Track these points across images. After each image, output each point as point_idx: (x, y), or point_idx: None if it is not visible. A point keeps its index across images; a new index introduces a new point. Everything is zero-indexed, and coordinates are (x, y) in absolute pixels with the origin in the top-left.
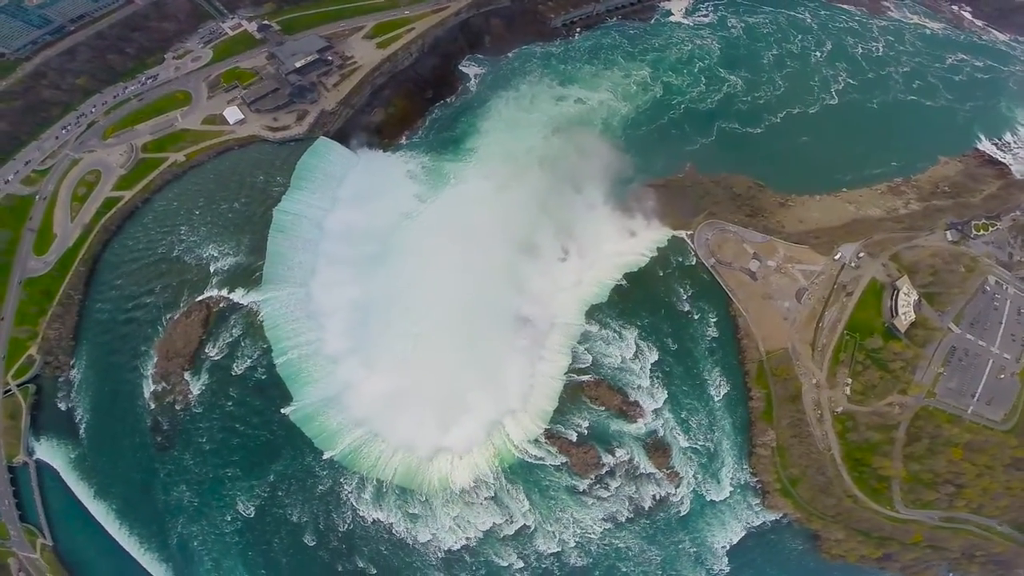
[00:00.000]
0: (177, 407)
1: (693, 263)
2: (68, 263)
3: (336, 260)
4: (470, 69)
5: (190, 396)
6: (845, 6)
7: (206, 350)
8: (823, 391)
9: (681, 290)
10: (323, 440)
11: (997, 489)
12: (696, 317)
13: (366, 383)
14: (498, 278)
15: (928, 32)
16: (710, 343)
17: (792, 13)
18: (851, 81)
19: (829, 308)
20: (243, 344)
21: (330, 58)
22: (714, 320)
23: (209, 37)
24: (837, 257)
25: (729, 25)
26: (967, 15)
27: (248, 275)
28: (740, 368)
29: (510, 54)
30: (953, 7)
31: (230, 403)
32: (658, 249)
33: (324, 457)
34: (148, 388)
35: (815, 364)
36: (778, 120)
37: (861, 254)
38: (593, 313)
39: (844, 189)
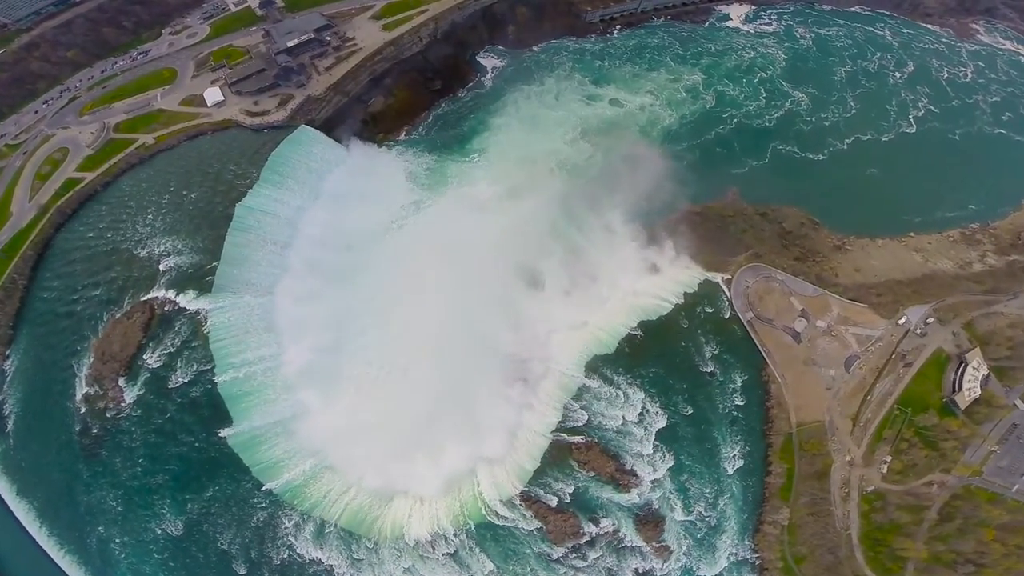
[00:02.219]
0: (108, 413)
1: (726, 316)
2: (17, 245)
3: (309, 267)
4: (488, 61)
5: (123, 403)
6: (930, 26)
7: (144, 356)
8: (856, 469)
9: (707, 347)
10: (264, 470)
11: (1021, 569)
12: (720, 380)
13: (324, 411)
14: (490, 308)
15: (1023, 61)
16: (732, 411)
17: (870, 28)
18: (932, 108)
19: (882, 380)
20: (184, 355)
21: (328, 38)
22: (741, 385)
23: (211, 13)
24: (901, 322)
25: (797, 35)
26: None
27: (199, 278)
28: (763, 440)
29: (536, 47)
30: None
31: (164, 417)
32: (685, 294)
33: (264, 488)
34: (80, 389)
35: (853, 440)
36: (844, 147)
37: (930, 320)
38: (595, 365)
39: (911, 233)
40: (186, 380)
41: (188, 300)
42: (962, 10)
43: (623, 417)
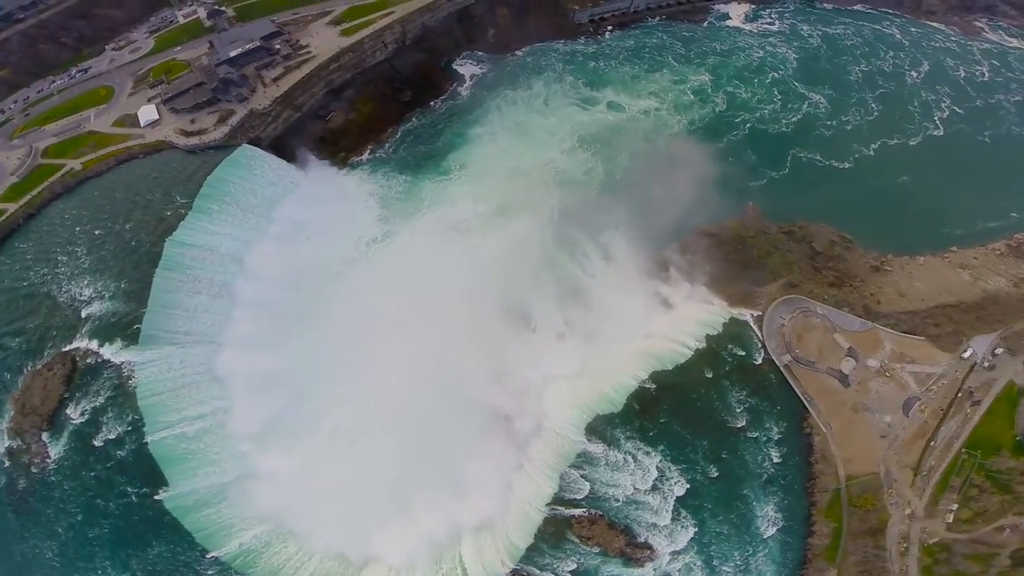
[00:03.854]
0: (34, 468)
1: (757, 360)
2: None
3: (258, 310)
4: (465, 67)
5: (47, 460)
6: (935, 24)
7: (67, 411)
8: (917, 522)
9: (735, 398)
10: (209, 536)
11: None
12: (752, 435)
13: (280, 471)
14: (471, 353)
15: None
16: (768, 469)
17: (877, 27)
18: (956, 109)
19: (947, 422)
20: (110, 411)
21: (277, 46)
22: (778, 438)
23: (158, 26)
24: (966, 355)
25: (804, 34)
26: None
27: (125, 326)
28: (805, 498)
29: (520, 51)
30: None
31: (92, 476)
32: (707, 337)
33: (210, 556)
34: (3, 443)
35: (914, 491)
36: (871, 152)
37: (998, 350)
38: (598, 426)
39: (953, 248)
40: (113, 437)
41: (112, 352)
42: (963, 8)
43: (634, 486)
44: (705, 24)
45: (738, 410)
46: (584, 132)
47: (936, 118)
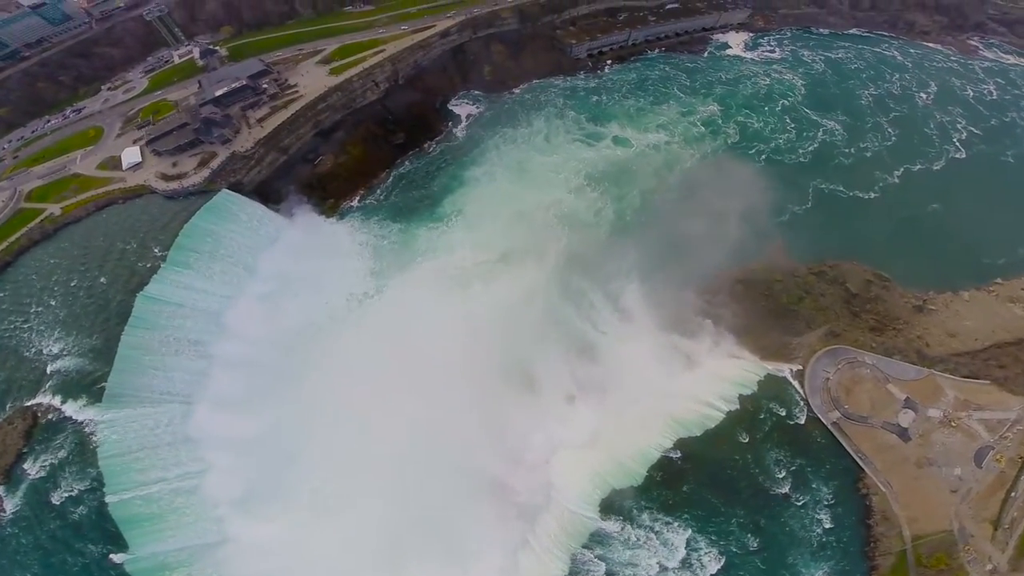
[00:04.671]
0: None
1: (801, 420)
2: None
3: (238, 369)
4: (461, 107)
5: (3, 514)
6: (932, 45)
7: (25, 466)
8: None
9: (777, 463)
10: None
11: None
12: (799, 501)
13: (260, 537)
14: (470, 417)
15: None
16: (820, 535)
17: (877, 50)
18: (973, 129)
19: None
20: (69, 469)
21: (264, 85)
22: (830, 502)
23: (154, 66)
24: None
25: (807, 60)
26: None
27: (91, 384)
28: (864, 562)
29: (517, 89)
30: None
31: (48, 532)
32: (739, 397)
33: None
34: None
35: (995, 546)
36: (895, 180)
37: None
38: (615, 501)
39: (998, 280)
40: (71, 495)
41: (75, 409)
42: (955, 27)
43: (659, 563)
44: (706, 54)
45: (780, 475)
46: (591, 170)
47: (955, 140)
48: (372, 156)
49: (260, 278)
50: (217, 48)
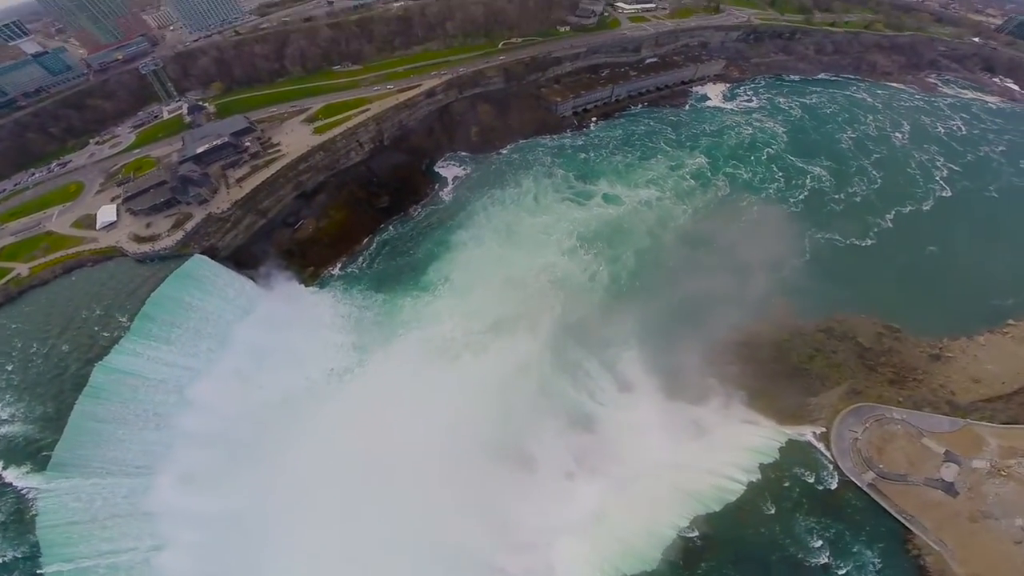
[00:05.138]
0: None
1: (832, 485)
2: None
3: (205, 443)
4: (448, 170)
5: None
6: (895, 84)
7: None
8: None
9: (810, 532)
10: None
11: None
12: (843, 570)
13: None
14: (460, 500)
15: (992, 107)
16: None
17: (847, 92)
18: (953, 166)
19: None
20: (4, 535)
21: (247, 143)
22: (877, 567)
23: (144, 121)
24: None
25: (784, 107)
26: (1016, 87)
27: (38, 451)
28: None
29: (504, 149)
30: (995, 80)
31: None
32: (760, 466)
33: None
34: None
35: None
36: (889, 224)
37: None
38: None
39: (1010, 321)
40: (4, 561)
41: (17, 475)
42: (911, 66)
43: None
44: (687, 107)
45: (815, 544)
46: (582, 230)
47: (938, 178)
48: (355, 221)
49: (233, 350)
50: (205, 104)
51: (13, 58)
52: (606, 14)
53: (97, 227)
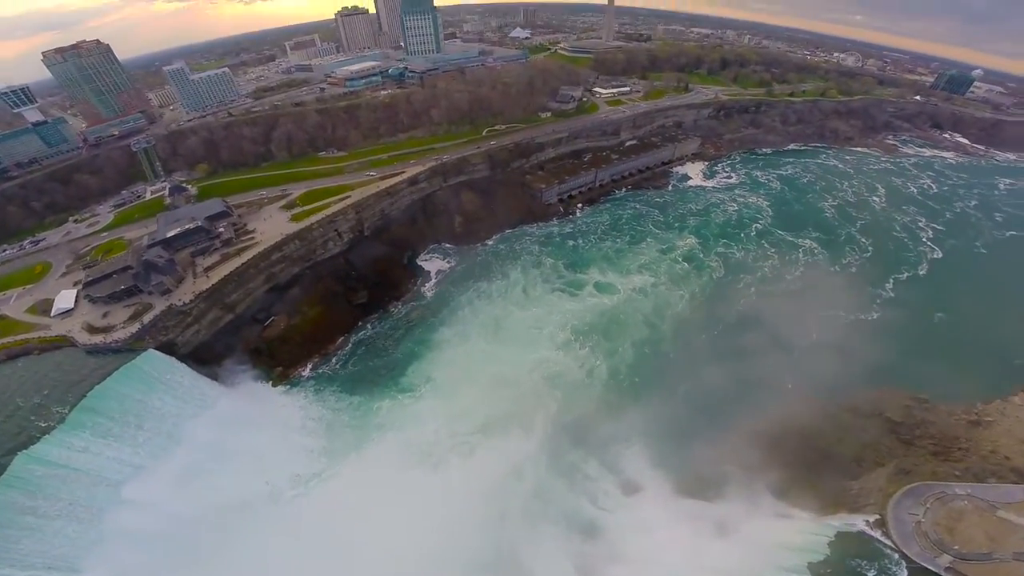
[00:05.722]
0: None
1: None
2: None
3: (144, 543)
4: (431, 262)
5: None
6: (860, 149)
7: None
8: None
9: None
10: None
11: None
12: None
13: None
14: None
15: (952, 162)
16: None
17: (818, 160)
18: (935, 226)
19: None
20: None
21: (220, 229)
22: None
23: (126, 200)
24: None
25: (763, 181)
26: (965, 141)
27: None
28: None
29: (490, 240)
30: (946, 136)
31: None
32: (810, 564)
33: None
34: None
35: None
36: (890, 293)
37: None
38: None
39: None
40: None
41: None
42: (870, 130)
43: None
44: (670, 188)
45: None
46: (576, 322)
47: (925, 240)
48: (330, 318)
49: (187, 448)
50: (188, 186)
51: (16, 124)
52: (585, 99)
53: (52, 313)
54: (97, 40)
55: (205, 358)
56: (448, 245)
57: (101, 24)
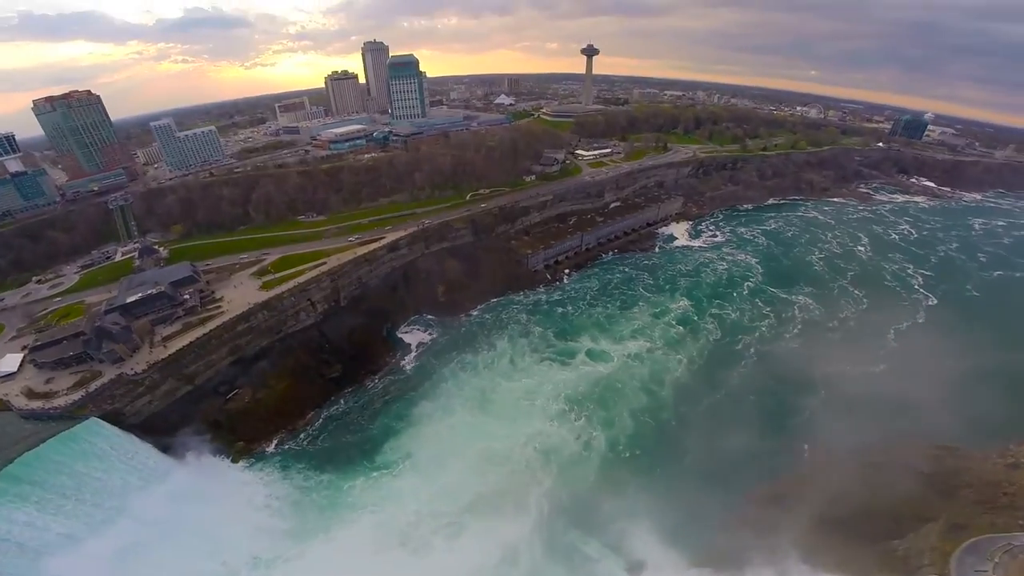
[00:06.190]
0: None
1: None
2: None
3: None
4: (412, 335)
5: None
6: (836, 199)
7: None
8: None
9: None
10: None
11: None
12: None
13: None
14: None
15: (925, 206)
16: None
17: (799, 213)
18: (923, 271)
19: None
20: None
21: (185, 296)
22: None
23: (95, 261)
24: None
25: (748, 237)
26: (931, 184)
27: None
28: None
29: (474, 310)
30: (913, 180)
31: None
32: None
33: None
34: None
35: None
36: (893, 344)
37: None
38: None
39: None
40: None
41: None
42: (842, 180)
43: None
44: (657, 249)
45: None
46: (570, 392)
47: (917, 287)
48: (299, 392)
49: (130, 522)
50: (159, 248)
51: None
52: (568, 162)
53: None
54: (88, 91)
55: (158, 429)
56: (430, 316)
57: (112, 80)
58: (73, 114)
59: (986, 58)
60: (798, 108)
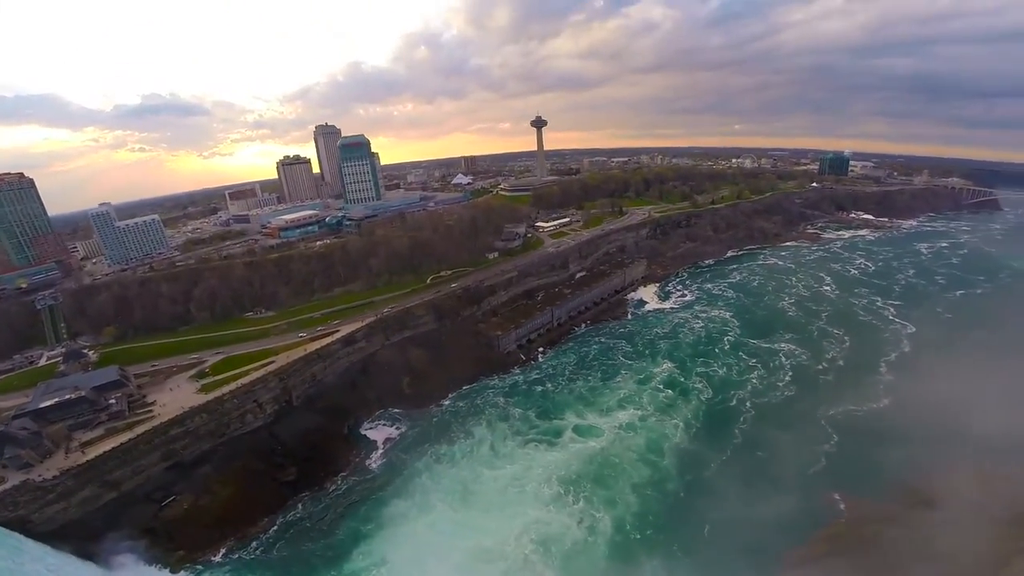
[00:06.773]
0: None
1: None
2: None
3: None
4: (377, 431)
5: None
6: (791, 243)
7: None
8: None
9: None
10: None
11: None
12: None
13: None
14: None
15: (871, 238)
16: None
17: (759, 262)
18: (892, 302)
19: None
20: None
21: (111, 401)
22: None
23: (15, 366)
24: None
25: (716, 292)
26: (869, 216)
27: None
28: None
29: (445, 400)
30: (853, 215)
31: None
32: None
33: None
34: None
35: None
36: (889, 377)
37: None
38: None
39: None
40: None
41: None
42: (789, 224)
43: None
44: (630, 316)
45: None
46: (562, 473)
47: (891, 317)
48: (249, 497)
49: None
50: (89, 352)
51: None
52: (529, 235)
53: None
54: (21, 174)
55: (78, 537)
56: (396, 410)
57: (66, 169)
58: (2, 199)
59: (882, 92)
60: (733, 161)
